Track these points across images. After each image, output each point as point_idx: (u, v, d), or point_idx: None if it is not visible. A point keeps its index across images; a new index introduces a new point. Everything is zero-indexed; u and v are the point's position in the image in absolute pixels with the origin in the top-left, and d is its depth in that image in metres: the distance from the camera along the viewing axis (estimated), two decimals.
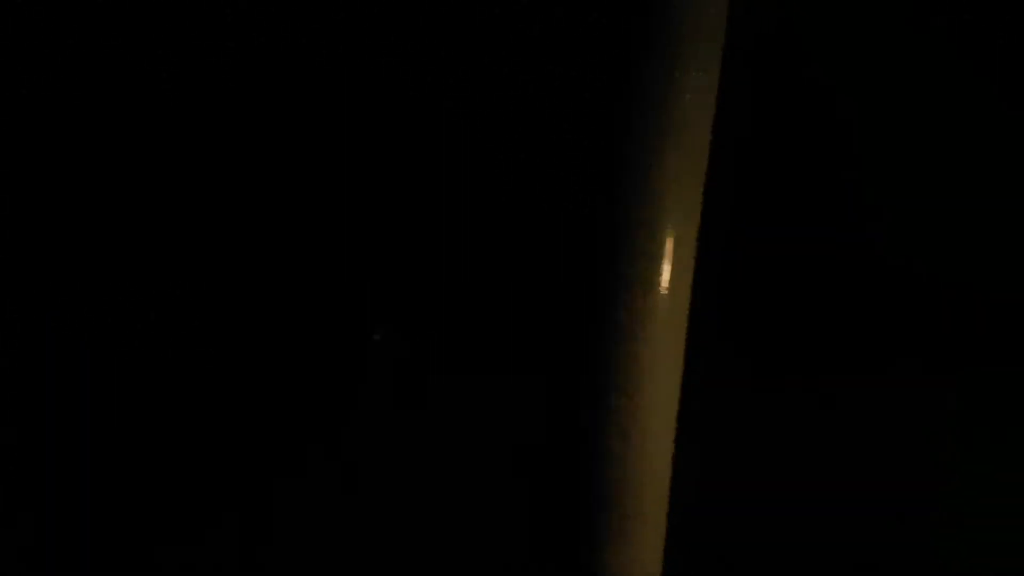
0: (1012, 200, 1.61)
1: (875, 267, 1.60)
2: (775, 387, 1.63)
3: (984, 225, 1.63)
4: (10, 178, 1.58)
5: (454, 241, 1.56)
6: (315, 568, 1.62)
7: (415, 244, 1.57)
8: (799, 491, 1.63)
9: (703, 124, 1.24)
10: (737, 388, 1.62)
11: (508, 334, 1.55)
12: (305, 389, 1.61)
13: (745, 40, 1.32)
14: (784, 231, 1.60)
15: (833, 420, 1.64)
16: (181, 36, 1.52)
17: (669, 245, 1.23)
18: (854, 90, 1.58)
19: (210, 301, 1.59)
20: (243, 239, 1.59)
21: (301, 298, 1.60)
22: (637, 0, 1.21)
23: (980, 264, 1.64)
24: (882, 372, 1.63)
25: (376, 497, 1.62)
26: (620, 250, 1.22)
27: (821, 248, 1.60)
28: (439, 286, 1.57)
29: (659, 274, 1.23)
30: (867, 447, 1.64)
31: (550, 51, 1.42)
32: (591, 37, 1.26)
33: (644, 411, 1.24)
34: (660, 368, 1.24)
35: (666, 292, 1.23)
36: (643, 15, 1.21)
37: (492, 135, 1.53)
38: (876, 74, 1.57)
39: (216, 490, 1.62)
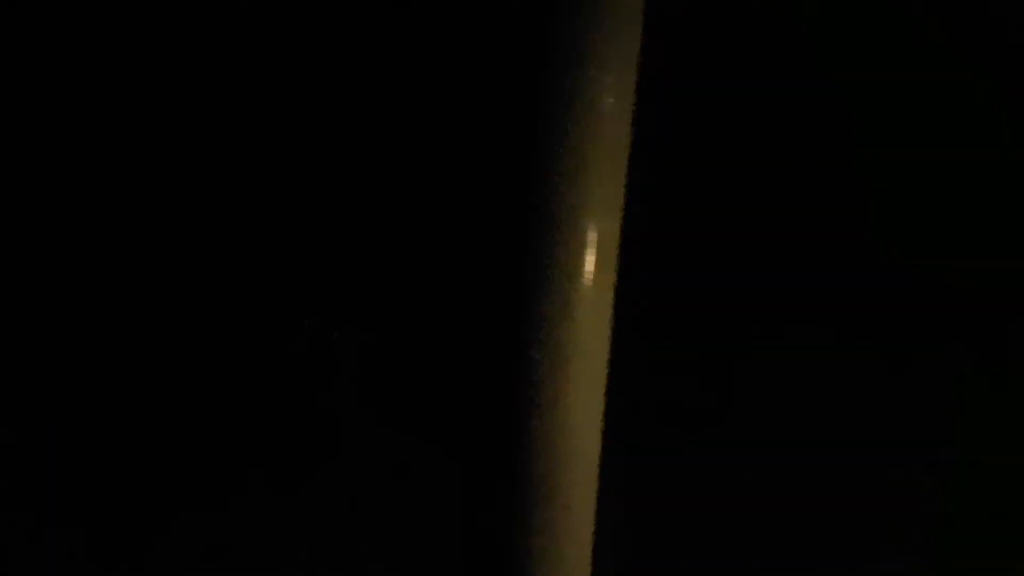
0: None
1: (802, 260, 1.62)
2: (700, 377, 1.65)
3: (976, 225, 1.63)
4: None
5: (389, 238, 1.58)
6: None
7: (351, 240, 1.59)
8: (732, 481, 1.63)
9: (623, 117, 1.25)
10: (663, 382, 1.64)
11: (438, 326, 1.57)
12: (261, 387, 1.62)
13: (663, 33, 1.34)
14: (703, 224, 1.62)
15: (763, 409, 1.65)
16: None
17: (592, 236, 1.24)
18: (777, 84, 1.59)
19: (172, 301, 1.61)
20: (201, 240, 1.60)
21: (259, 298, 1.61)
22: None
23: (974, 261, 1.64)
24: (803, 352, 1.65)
25: (307, 493, 1.63)
26: (544, 241, 1.23)
27: (742, 238, 1.62)
28: (378, 281, 1.59)
29: (582, 265, 1.24)
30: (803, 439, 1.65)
31: (470, 48, 1.44)
32: (509, 33, 1.26)
33: (570, 398, 1.24)
34: (585, 357, 1.25)
35: (590, 282, 1.24)
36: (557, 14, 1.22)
37: (417, 133, 1.54)
38: (796, 70, 1.58)
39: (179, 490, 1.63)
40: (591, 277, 1.23)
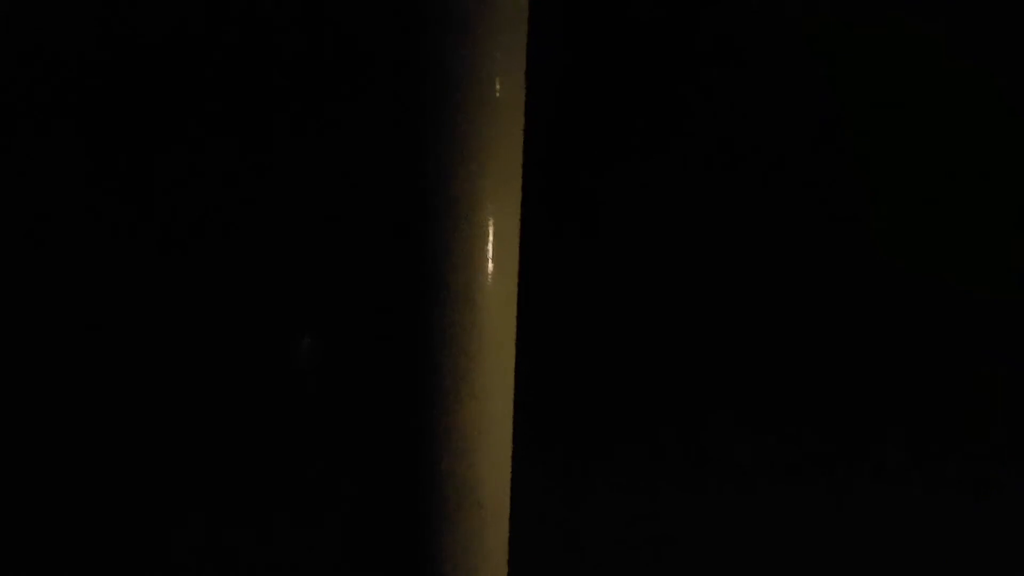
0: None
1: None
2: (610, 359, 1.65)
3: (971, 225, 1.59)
4: None
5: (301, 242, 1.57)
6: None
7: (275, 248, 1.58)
8: (647, 472, 1.63)
9: (515, 107, 1.22)
10: (572, 367, 1.63)
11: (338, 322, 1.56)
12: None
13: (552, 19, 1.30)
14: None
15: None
16: None
17: (490, 227, 1.22)
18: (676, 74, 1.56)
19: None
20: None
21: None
22: None
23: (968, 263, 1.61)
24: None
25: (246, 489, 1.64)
26: (443, 234, 1.21)
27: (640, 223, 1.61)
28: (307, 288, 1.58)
29: (484, 255, 1.21)
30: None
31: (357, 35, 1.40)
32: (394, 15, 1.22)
33: (479, 396, 1.23)
34: (492, 351, 1.24)
35: (491, 272, 1.21)
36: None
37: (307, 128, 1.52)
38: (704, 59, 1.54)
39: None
40: (491, 267, 1.21)
